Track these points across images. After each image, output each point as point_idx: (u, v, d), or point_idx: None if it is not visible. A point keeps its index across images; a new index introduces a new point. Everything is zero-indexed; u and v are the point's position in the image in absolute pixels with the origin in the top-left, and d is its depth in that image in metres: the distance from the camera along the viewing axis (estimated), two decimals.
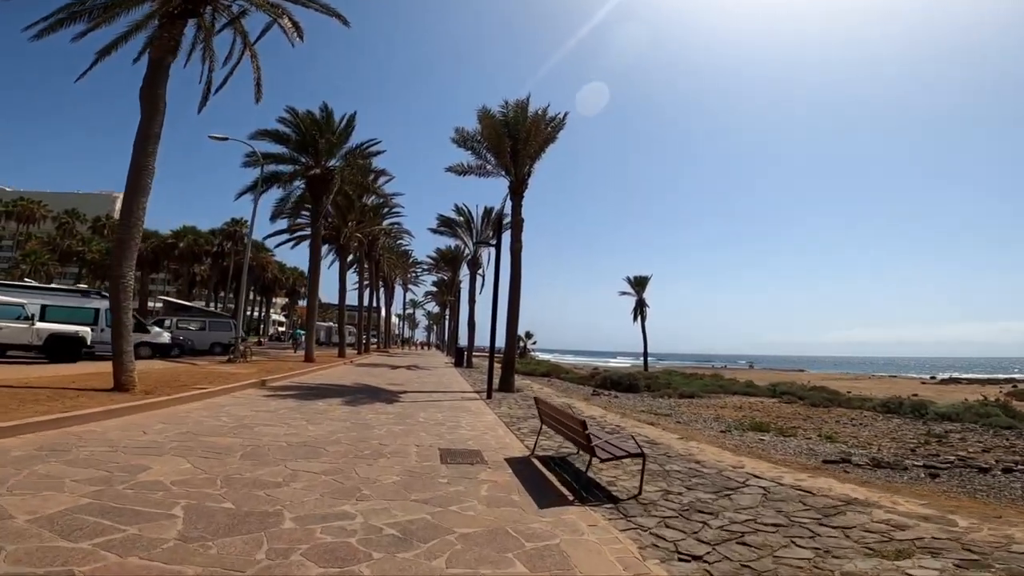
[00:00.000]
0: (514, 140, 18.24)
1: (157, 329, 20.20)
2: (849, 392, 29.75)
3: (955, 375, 62.62)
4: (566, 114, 18.62)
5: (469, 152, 19.26)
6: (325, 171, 25.27)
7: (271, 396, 11.10)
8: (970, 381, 51.14)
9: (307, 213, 28.69)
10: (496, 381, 16.57)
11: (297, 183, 26.20)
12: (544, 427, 7.17)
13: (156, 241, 62.26)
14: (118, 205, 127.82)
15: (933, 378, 57.50)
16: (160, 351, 19.91)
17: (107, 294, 20.05)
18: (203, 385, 11.13)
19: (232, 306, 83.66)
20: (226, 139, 22.28)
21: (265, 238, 38.14)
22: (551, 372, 36.65)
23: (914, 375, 69.29)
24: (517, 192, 18.30)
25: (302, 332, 27.18)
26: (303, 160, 25.23)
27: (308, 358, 22.56)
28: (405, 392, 13.71)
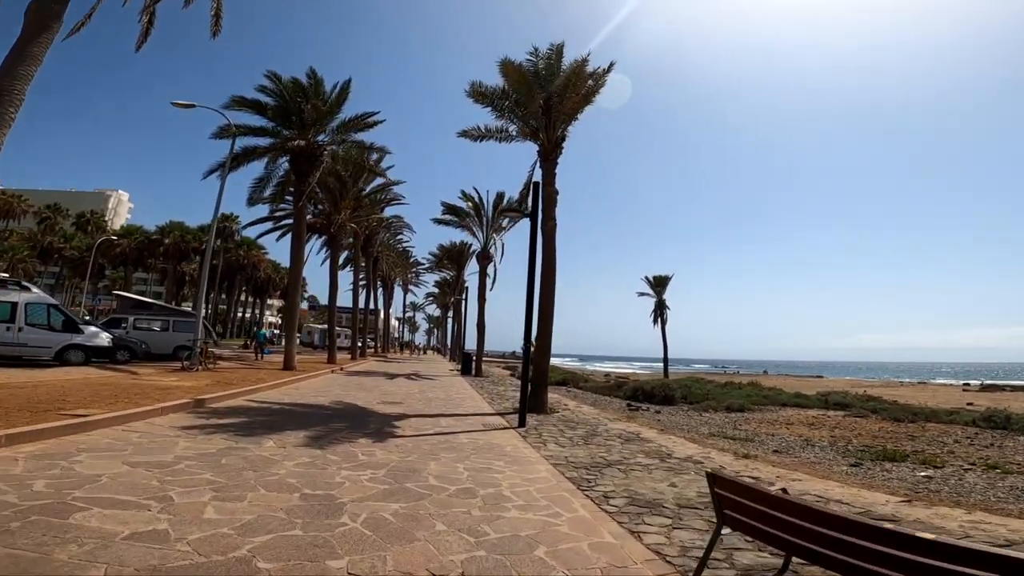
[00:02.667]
0: (547, 94, 14.38)
1: (93, 328, 16.22)
2: (895, 401, 26.21)
3: (987, 382, 59.84)
4: (611, 64, 14.68)
5: (489, 109, 15.32)
6: (312, 145, 21.37)
7: (193, 428, 7.12)
8: (1013, 388, 47.99)
9: (291, 198, 24.77)
10: (517, 395, 12.71)
11: (281, 161, 22.35)
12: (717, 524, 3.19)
13: (140, 237, 58.29)
14: (111, 204, 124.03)
15: (967, 386, 54.29)
16: (98, 355, 15.98)
17: (28, 284, 16.23)
18: (93, 409, 7.19)
19: (224, 307, 79.73)
20: (192, 106, 18.50)
21: (245, 226, 34.12)
22: (567, 380, 32.58)
23: (944, 382, 65.95)
24: (549, 157, 14.39)
25: (265, 333, 22.82)
26: (285, 133, 21.32)
27: (287, 366, 18.57)
28: (403, 417, 9.71)
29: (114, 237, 55.71)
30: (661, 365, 44.68)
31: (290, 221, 27.88)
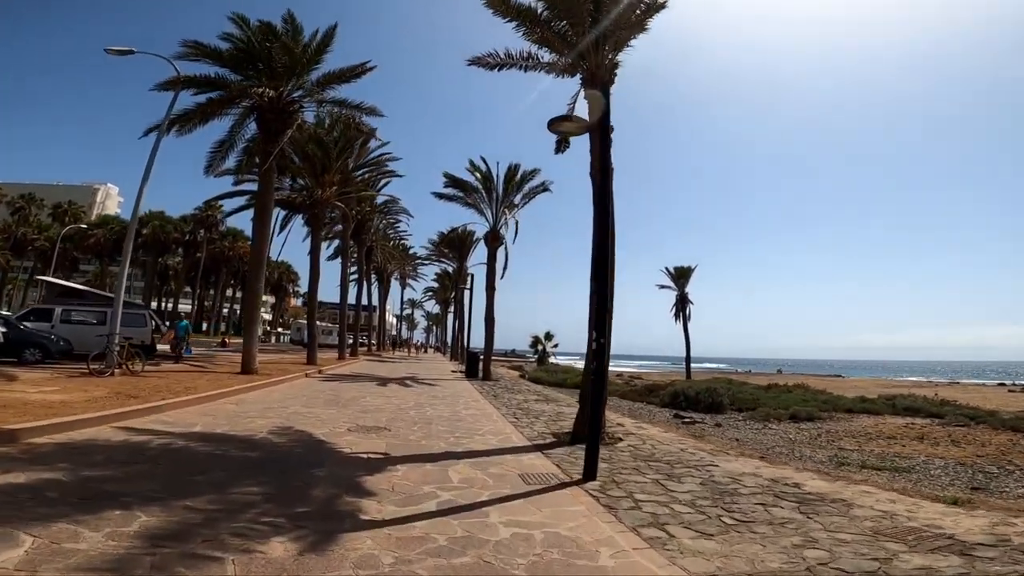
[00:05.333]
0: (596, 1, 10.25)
1: None
2: (948, 402, 22.49)
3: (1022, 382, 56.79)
4: None
5: (513, 25, 11.21)
6: (284, 99, 17.27)
7: None
8: None
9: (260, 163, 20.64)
10: (547, 409, 8.66)
11: (248, 122, 18.19)
12: None
13: (116, 227, 54.17)
14: (99, 197, 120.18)
15: (1005, 386, 51.23)
16: None
17: None
18: None
19: (211, 303, 75.51)
20: (131, 52, 14.55)
21: (210, 200, 30.09)
22: None
23: (976, 381, 62.55)
24: (600, 80, 10.28)
25: (187, 324, 18.46)
26: (249, 83, 17.10)
27: (245, 368, 14.50)
28: (384, 465, 5.61)
29: (83, 226, 51.52)
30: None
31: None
